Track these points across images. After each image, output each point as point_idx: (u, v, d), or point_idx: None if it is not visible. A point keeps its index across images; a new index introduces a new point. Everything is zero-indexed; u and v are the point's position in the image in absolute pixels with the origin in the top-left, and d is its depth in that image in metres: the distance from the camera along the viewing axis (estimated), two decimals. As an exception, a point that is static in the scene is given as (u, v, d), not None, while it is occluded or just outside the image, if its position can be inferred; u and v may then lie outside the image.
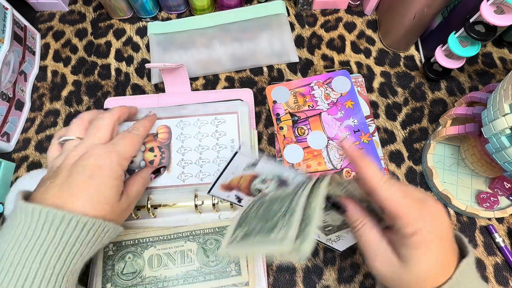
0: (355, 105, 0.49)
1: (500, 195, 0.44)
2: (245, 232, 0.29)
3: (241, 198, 0.37)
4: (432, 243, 0.25)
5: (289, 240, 0.23)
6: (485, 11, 0.37)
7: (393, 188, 0.25)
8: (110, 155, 0.32)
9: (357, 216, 0.28)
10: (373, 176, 0.26)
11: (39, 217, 0.26)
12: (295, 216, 0.24)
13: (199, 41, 0.53)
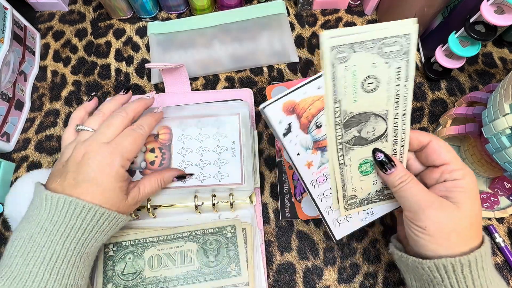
0: (355, 105, 0.49)
1: (500, 195, 0.44)
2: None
3: (292, 130, 0.31)
4: (477, 190, 0.29)
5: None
6: (485, 11, 0.37)
7: (442, 142, 0.30)
8: (113, 158, 0.33)
9: (405, 171, 0.30)
10: (424, 133, 0.31)
11: (63, 206, 0.30)
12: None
13: (199, 41, 0.53)
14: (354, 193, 0.33)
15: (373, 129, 0.29)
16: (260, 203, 0.44)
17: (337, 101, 0.26)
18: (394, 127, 0.29)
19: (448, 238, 0.28)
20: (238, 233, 0.41)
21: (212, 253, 0.40)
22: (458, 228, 0.27)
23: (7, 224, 0.41)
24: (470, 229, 0.28)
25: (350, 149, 0.30)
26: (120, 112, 0.36)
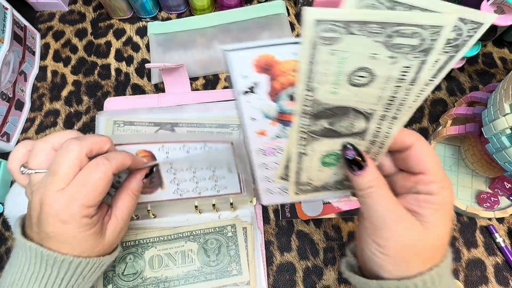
0: (356, 105, 0.49)
1: (501, 195, 0.44)
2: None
3: (256, 91, 0.24)
4: (450, 206, 0.25)
5: None
6: (485, 11, 0.37)
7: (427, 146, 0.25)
8: (72, 209, 0.27)
9: (376, 175, 0.25)
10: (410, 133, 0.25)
11: (36, 256, 0.27)
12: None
13: (199, 41, 0.53)
14: (309, 181, 0.29)
15: (349, 125, 0.24)
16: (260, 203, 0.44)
17: (311, 89, 0.21)
18: (376, 129, 0.24)
19: (408, 261, 0.24)
20: (238, 232, 0.41)
21: (213, 253, 0.40)
22: (422, 251, 0.24)
23: (7, 224, 0.41)
24: (435, 251, 0.25)
25: (315, 140, 0.25)
26: (71, 144, 0.28)
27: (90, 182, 0.27)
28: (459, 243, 0.44)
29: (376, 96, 0.22)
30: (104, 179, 0.28)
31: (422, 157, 0.25)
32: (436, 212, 0.24)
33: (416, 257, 0.24)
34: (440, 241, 0.24)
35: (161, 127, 0.44)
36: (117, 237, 0.31)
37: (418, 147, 0.25)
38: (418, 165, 0.25)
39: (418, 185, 0.25)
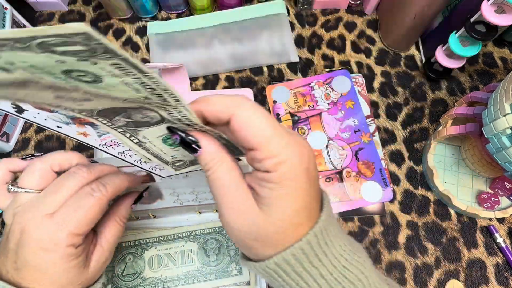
0: (356, 105, 0.49)
1: (501, 195, 0.44)
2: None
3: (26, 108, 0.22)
4: (299, 179, 0.20)
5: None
6: (486, 11, 0.37)
7: (249, 114, 0.20)
8: (58, 237, 0.25)
9: (213, 155, 0.21)
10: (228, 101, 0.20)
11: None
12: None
13: (199, 41, 0.52)
14: (176, 159, 0.27)
15: (143, 116, 0.21)
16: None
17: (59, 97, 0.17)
18: (169, 115, 0.21)
19: (250, 247, 0.22)
20: (238, 233, 0.41)
21: (213, 253, 0.40)
22: (264, 237, 0.21)
23: (7, 224, 0.41)
24: (284, 234, 0.21)
25: (137, 131, 0.23)
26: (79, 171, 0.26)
27: (83, 208, 0.25)
28: (459, 243, 0.44)
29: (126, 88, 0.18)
30: (98, 206, 0.26)
31: (245, 131, 0.20)
32: (273, 191, 0.20)
33: (257, 243, 0.21)
34: (285, 223, 0.20)
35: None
36: (101, 268, 0.29)
37: (238, 119, 0.20)
38: (244, 141, 0.20)
39: (253, 163, 0.21)
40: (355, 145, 0.47)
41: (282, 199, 0.20)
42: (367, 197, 0.45)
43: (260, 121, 0.20)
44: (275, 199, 0.20)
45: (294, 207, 0.20)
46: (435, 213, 0.45)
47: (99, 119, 0.21)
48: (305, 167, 0.21)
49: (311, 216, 0.21)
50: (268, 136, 0.20)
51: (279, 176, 0.20)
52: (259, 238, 0.21)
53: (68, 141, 0.48)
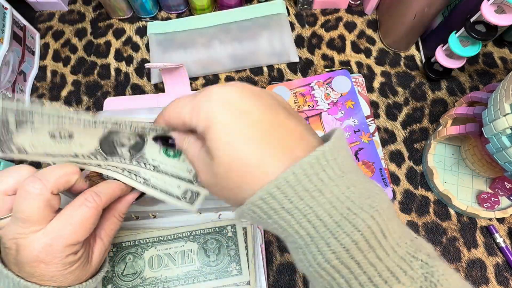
0: (356, 105, 0.49)
1: (501, 195, 0.44)
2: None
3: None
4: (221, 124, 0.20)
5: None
6: (486, 11, 0.37)
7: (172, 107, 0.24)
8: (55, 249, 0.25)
9: (181, 137, 0.25)
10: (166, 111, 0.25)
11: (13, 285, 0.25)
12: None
13: (199, 41, 0.52)
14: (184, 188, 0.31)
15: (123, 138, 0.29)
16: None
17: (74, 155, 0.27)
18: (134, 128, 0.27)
19: (222, 193, 0.22)
20: (238, 232, 0.41)
21: (213, 253, 0.40)
22: (219, 181, 0.21)
23: (7, 224, 0.41)
24: (237, 172, 0.20)
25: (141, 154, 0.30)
26: (31, 185, 0.25)
27: (77, 219, 0.25)
28: (459, 243, 0.44)
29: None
30: (93, 216, 0.26)
31: (171, 117, 0.25)
32: (208, 140, 0.21)
33: (222, 189, 0.22)
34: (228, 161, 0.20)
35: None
36: (103, 257, 0.30)
37: (165, 118, 0.25)
38: (179, 124, 0.24)
39: (191, 134, 0.25)
40: (355, 145, 0.47)
41: (214, 141, 0.21)
42: (367, 197, 0.45)
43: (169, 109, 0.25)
44: (211, 142, 0.21)
45: (233, 140, 0.20)
46: (435, 213, 0.45)
47: (112, 162, 0.28)
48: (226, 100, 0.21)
49: (279, 157, 0.20)
50: (178, 113, 0.23)
51: (206, 128, 0.21)
52: (223, 184, 0.21)
53: (68, 141, 0.48)
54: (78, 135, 0.27)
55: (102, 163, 0.28)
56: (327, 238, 0.18)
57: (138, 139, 0.29)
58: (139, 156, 0.29)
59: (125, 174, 0.28)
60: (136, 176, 0.29)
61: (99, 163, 0.28)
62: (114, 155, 0.28)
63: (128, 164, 0.29)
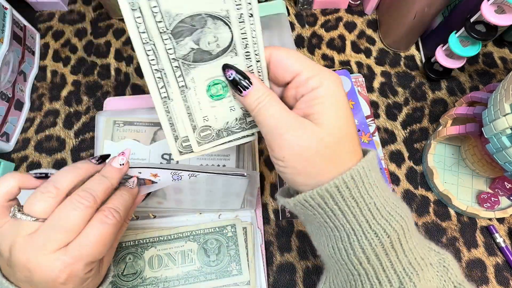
0: (356, 105, 0.49)
1: (501, 195, 0.44)
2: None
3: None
4: (338, 95, 0.23)
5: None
6: (486, 11, 0.37)
7: (285, 50, 0.24)
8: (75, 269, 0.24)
9: (263, 90, 0.24)
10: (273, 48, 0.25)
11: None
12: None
13: (199, 41, 0.52)
14: (206, 123, 0.26)
15: (215, 39, 0.23)
16: (260, 203, 0.44)
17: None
18: (241, 35, 0.23)
19: (312, 164, 0.22)
20: (238, 232, 0.41)
21: (213, 253, 0.40)
22: (322, 149, 0.22)
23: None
24: (339, 146, 0.22)
25: (191, 67, 0.24)
26: (85, 197, 0.25)
27: (98, 238, 0.25)
28: (459, 243, 0.44)
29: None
30: (114, 232, 0.26)
31: (287, 62, 0.24)
32: (323, 104, 0.22)
33: (319, 157, 0.22)
34: (338, 134, 0.22)
35: (161, 127, 0.44)
36: (109, 262, 0.30)
37: (276, 55, 0.24)
38: (287, 71, 0.24)
39: (299, 89, 0.24)
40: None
41: (333, 110, 0.22)
42: (367, 197, 0.45)
43: (295, 53, 0.24)
44: (327, 110, 0.22)
45: (345, 116, 0.23)
46: (435, 213, 0.45)
47: (168, 39, 0.22)
48: (341, 85, 0.23)
49: (357, 147, 0.24)
50: (306, 60, 0.23)
51: (325, 89, 0.23)
52: (320, 150, 0.22)
53: (68, 141, 0.48)
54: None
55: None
56: (378, 227, 0.22)
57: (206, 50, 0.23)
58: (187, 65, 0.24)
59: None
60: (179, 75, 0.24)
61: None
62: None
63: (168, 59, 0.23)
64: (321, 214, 0.23)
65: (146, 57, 0.22)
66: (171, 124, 0.26)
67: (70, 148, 0.48)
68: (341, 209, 0.22)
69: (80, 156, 0.47)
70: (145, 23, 0.21)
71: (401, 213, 0.23)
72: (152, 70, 0.23)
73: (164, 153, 0.43)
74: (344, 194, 0.22)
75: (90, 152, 0.47)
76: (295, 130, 0.22)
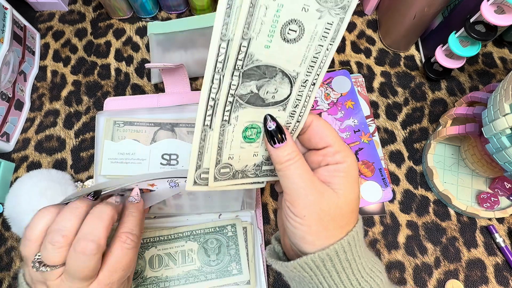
0: (355, 105, 0.49)
1: (501, 195, 0.44)
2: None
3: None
4: (356, 172, 0.27)
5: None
6: (486, 11, 0.37)
7: (323, 122, 0.28)
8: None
9: (294, 148, 0.26)
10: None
11: None
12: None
13: (199, 41, 0.52)
14: (229, 161, 0.27)
15: (275, 90, 0.25)
16: (260, 203, 0.44)
17: (247, 38, 0.21)
18: (297, 96, 0.26)
19: (327, 228, 0.25)
20: (238, 232, 0.41)
21: (213, 252, 0.40)
22: (338, 217, 0.25)
23: (7, 224, 0.41)
24: (349, 216, 0.26)
25: (241, 106, 0.25)
26: (89, 245, 0.26)
27: (124, 263, 0.28)
28: (459, 243, 0.44)
29: (302, 56, 0.23)
30: (136, 254, 0.29)
31: (324, 132, 0.27)
32: (344, 178, 0.26)
33: (333, 222, 0.25)
34: (351, 206, 0.26)
35: (161, 127, 0.44)
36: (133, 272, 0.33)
37: (317, 124, 0.27)
38: (322, 140, 0.27)
39: (326, 158, 0.27)
40: (355, 145, 0.47)
41: (351, 185, 0.26)
42: (367, 197, 0.45)
43: (330, 127, 0.27)
44: (346, 184, 0.26)
45: (356, 193, 0.26)
46: (435, 213, 0.45)
47: (237, 76, 0.23)
48: (356, 162, 0.27)
49: (357, 215, 0.27)
50: (337, 136, 0.27)
51: (348, 166, 0.26)
52: (336, 218, 0.25)
53: (68, 141, 0.48)
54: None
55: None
56: (365, 283, 0.25)
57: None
58: (239, 104, 0.25)
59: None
60: (227, 110, 0.25)
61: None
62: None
63: (227, 94, 0.24)
64: (317, 276, 0.25)
65: (211, 84, 0.23)
66: (200, 153, 0.26)
67: (70, 148, 0.48)
68: (337, 270, 0.25)
69: (80, 156, 0.47)
70: (227, 54, 0.22)
71: (379, 268, 0.27)
72: (209, 97, 0.24)
73: (164, 153, 0.43)
74: (342, 257, 0.25)
75: (91, 152, 0.47)
76: (320, 194, 0.25)
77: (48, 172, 0.43)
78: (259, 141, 0.27)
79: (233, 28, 0.21)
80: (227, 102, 0.24)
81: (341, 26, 0.22)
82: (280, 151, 0.26)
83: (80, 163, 0.47)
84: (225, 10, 0.20)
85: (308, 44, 0.23)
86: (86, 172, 0.47)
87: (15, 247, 0.44)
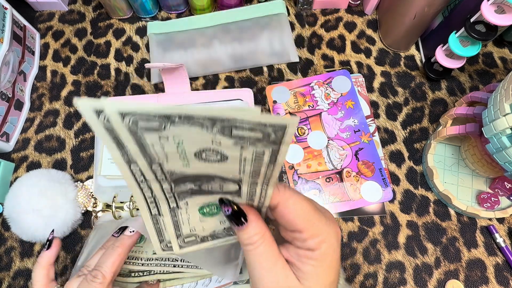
0: (356, 105, 0.49)
1: (501, 195, 0.44)
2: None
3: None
4: (335, 254, 0.23)
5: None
6: (486, 11, 0.37)
7: (294, 203, 0.23)
8: None
9: (258, 229, 0.23)
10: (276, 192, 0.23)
11: None
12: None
13: (199, 41, 0.52)
14: (192, 232, 0.25)
15: (219, 187, 0.22)
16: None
17: (156, 163, 0.18)
18: (250, 191, 0.22)
19: None
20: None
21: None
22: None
23: (7, 224, 0.41)
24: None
25: (188, 196, 0.23)
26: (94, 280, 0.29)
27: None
28: (459, 243, 0.44)
29: (237, 170, 0.20)
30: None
31: (291, 216, 0.22)
32: (315, 268, 0.22)
33: None
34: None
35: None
36: None
37: (284, 206, 0.22)
38: (289, 224, 0.23)
39: (295, 241, 0.23)
40: (355, 145, 0.47)
41: (322, 274, 0.22)
42: (367, 197, 0.45)
43: (302, 208, 0.22)
44: (316, 274, 0.22)
45: (330, 279, 0.23)
46: (435, 213, 0.45)
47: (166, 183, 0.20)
48: (339, 244, 0.23)
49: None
50: (310, 219, 0.22)
51: (321, 254, 0.22)
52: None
53: (68, 141, 0.48)
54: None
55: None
56: None
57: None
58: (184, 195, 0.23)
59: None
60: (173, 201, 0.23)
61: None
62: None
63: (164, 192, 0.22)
64: None
65: (140, 190, 0.20)
66: (158, 231, 0.25)
67: (70, 148, 0.48)
68: None
69: (80, 156, 0.47)
70: (141, 171, 0.19)
71: None
72: (145, 197, 0.21)
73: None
74: None
75: (90, 152, 0.47)
76: (278, 282, 0.22)
77: (48, 172, 0.43)
78: (221, 214, 0.25)
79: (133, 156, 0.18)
80: (167, 198, 0.22)
81: (280, 153, 0.18)
82: (241, 234, 0.23)
83: (80, 163, 0.47)
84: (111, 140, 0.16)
85: (240, 164, 0.19)
86: (86, 172, 0.47)
87: (15, 247, 0.44)
